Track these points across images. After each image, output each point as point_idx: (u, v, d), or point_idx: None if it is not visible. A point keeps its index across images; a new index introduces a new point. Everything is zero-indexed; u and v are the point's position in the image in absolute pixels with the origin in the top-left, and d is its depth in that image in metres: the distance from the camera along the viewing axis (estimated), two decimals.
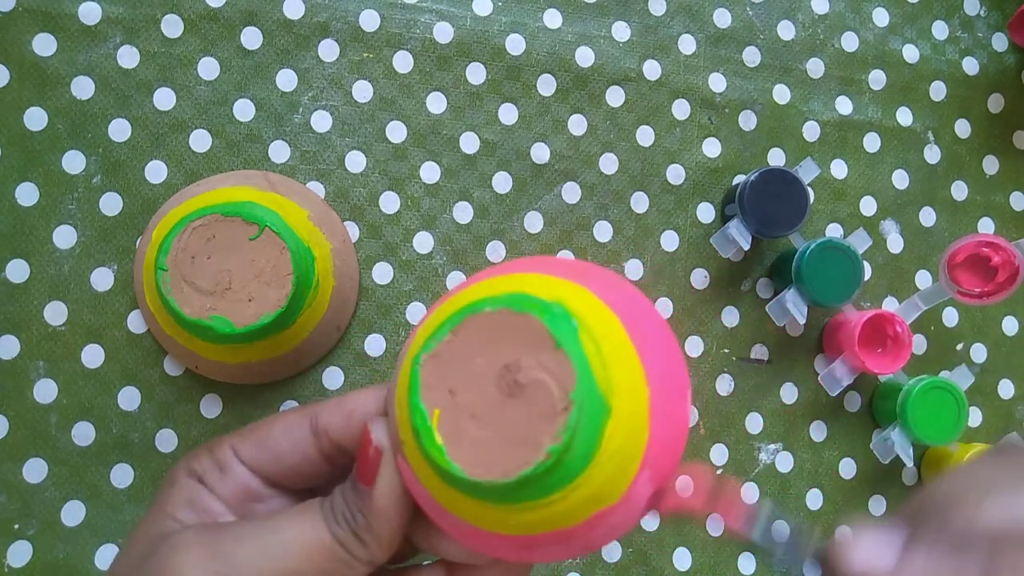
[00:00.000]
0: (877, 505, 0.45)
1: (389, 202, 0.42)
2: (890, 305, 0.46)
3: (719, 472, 0.40)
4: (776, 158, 0.46)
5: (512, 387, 0.22)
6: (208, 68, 0.41)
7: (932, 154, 0.48)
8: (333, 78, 0.42)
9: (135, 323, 0.40)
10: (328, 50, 0.42)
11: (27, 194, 0.39)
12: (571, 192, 0.44)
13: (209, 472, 0.27)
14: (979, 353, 0.47)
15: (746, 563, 0.44)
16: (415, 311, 0.42)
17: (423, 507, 0.25)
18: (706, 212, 0.45)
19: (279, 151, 0.41)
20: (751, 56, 0.46)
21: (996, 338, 0.48)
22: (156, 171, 0.40)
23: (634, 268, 0.44)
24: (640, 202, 0.45)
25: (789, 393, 0.45)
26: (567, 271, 0.24)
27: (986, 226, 0.48)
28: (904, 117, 0.48)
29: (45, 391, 0.39)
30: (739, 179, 0.45)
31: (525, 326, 0.22)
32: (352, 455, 0.28)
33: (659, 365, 0.23)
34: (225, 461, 0.27)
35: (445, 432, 0.22)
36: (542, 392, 0.21)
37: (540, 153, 0.44)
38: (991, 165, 0.49)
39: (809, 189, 0.42)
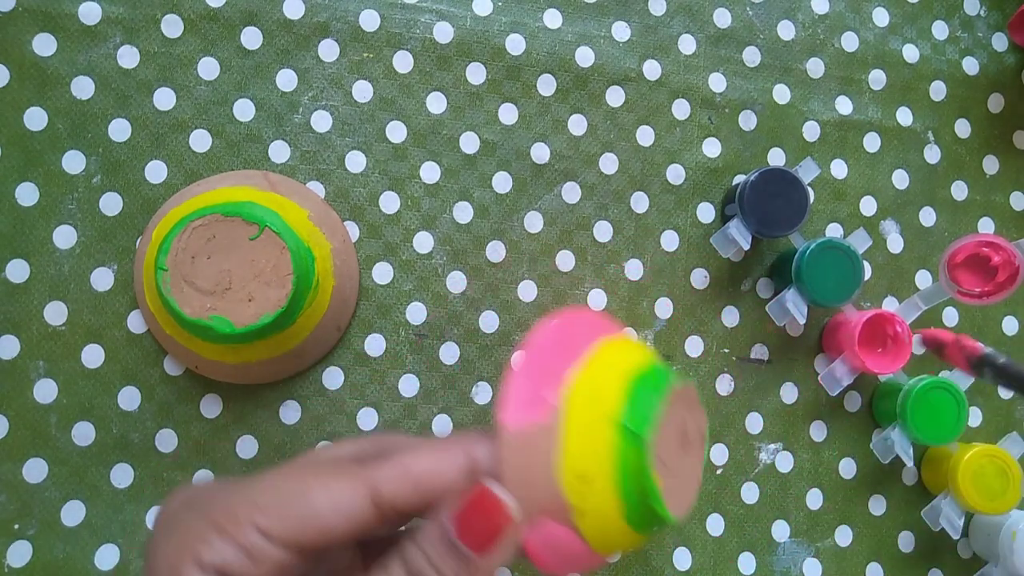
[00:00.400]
0: (877, 505, 0.45)
1: (389, 202, 0.42)
2: (890, 305, 0.46)
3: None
4: (776, 158, 0.46)
5: (686, 442, 0.28)
6: (208, 68, 0.41)
7: (932, 154, 0.48)
8: (333, 78, 0.42)
9: (135, 323, 0.40)
10: (328, 50, 0.42)
11: (27, 194, 0.39)
12: (571, 192, 0.44)
13: (234, 563, 0.23)
14: None
15: (746, 563, 0.44)
16: (415, 311, 0.42)
17: (558, 560, 0.27)
18: (706, 212, 0.45)
19: (279, 151, 0.41)
20: (751, 56, 0.46)
21: (996, 338, 0.48)
22: (156, 171, 0.40)
23: (634, 268, 0.44)
24: (640, 202, 0.45)
25: (789, 393, 0.45)
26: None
27: (986, 226, 0.48)
28: (904, 117, 0.48)
29: (45, 391, 0.39)
30: (739, 179, 0.45)
31: (687, 395, 0.28)
32: (410, 515, 0.26)
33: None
34: (255, 546, 0.23)
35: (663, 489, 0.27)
36: (698, 442, 0.29)
37: (540, 153, 0.44)
38: (991, 165, 0.49)
39: (809, 189, 0.42)
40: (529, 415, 0.26)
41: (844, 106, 0.47)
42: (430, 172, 0.43)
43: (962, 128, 0.48)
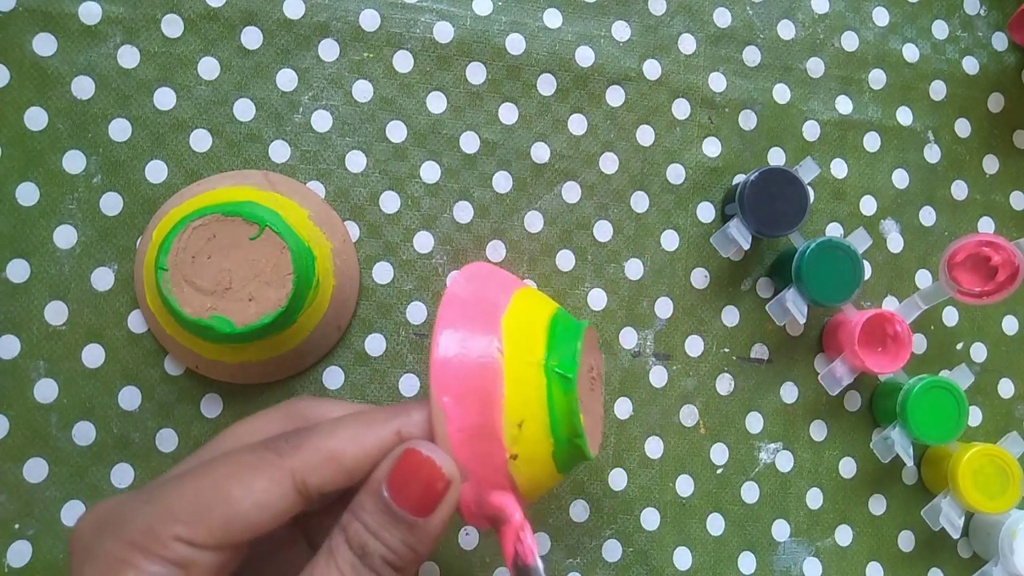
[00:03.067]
0: (877, 504, 0.45)
1: (389, 202, 0.42)
2: (890, 304, 0.47)
3: None
4: (776, 158, 0.46)
5: (592, 382, 0.30)
6: (208, 68, 0.41)
7: (932, 153, 0.48)
8: (333, 78, 0.42)
9: (135, 323, 0.40)
10: (328, 50, 0.42)
11: (27, 194, 0.39)
12: (571, 192, 0.44)
13: None
14: (979, 352, 0.47)
15: (746, 562, 0.44)
16: (415, 311, 0.42)
17: (497, 505, 0.27)
18: (706, 212, 0.45)
19: (279, 151, 0.41)
20: (751, 56, 0.46)
21: (996, 337, 0.48)
22: (156, 171, 0.40)
23: (634, 268, 0.44)
24: (640, 202, 0.45)
25: (789, 392, 0.45)
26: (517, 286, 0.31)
27: (986, 225, 0.48)
28: (904, 117, 0.48)
29: (45, 391, 0.39)
30: (739, 179, 0.45)
31: (592, 337, 0.31)
32: (332, 495, 0.25)
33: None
34: (183, 558, 0.23)
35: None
36: (599, 380, 0.31)
37: (540, 153, 0.44)
38: (991, 164, 0.49)
39: (809, 188, 0.42)
40: (468, 368, 0.26)
41: (844, 106, 0.47)
42: (430, 172, 0.43)
43: (962, 128, 0.48)
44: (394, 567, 0.24)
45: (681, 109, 0.45)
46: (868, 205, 0.47)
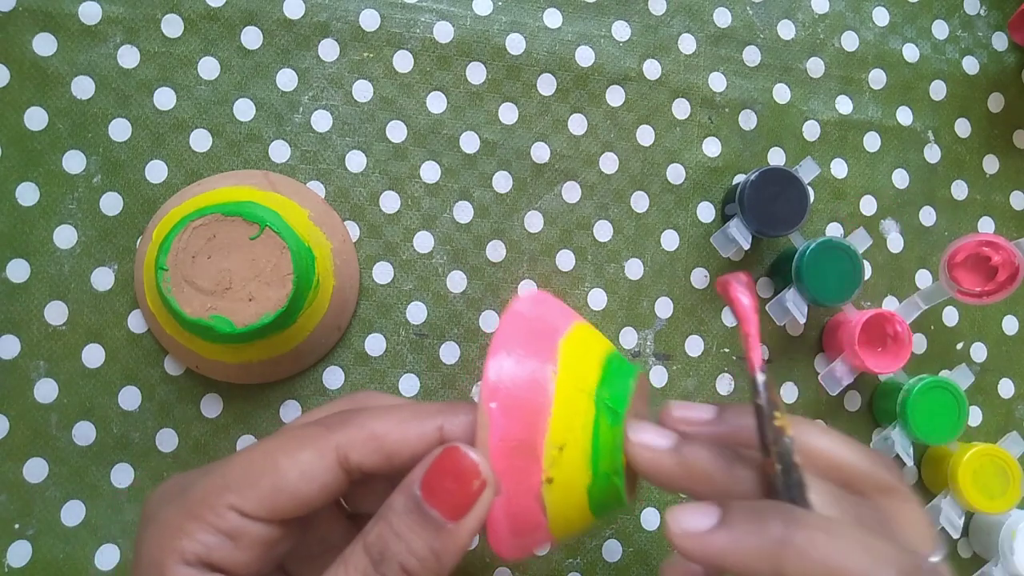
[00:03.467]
0: None
1: (389, 202, 0.42)
2: (890, 304, 0.47)
3: None
4: (776, 157, 0.46)
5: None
6: (208, 68, 0.41)
7: (932, 153, 0.48)
8: (333, 78, 0.42)
9: (135, 323, 0.40)
10: (328, 50, 0.42)
11: (27, 194, 0.39)
12: (571, 192, 0.44)
13: (217, 549, 0.23)
14: (979, 352, 0.47)
15: None
16: (415, 311, 0.42)
17: (518, 525, 0.27)
18: (706, 211, 0.45)
19: (279, 151, 0.41)
20: (751, 56, 0.46)
21: (996, 337, 0.48)
22: (156, 171, 0.40)
23: (634, 267, 0.44)
24: (640, 201, 0.45)
25: (789, 392, 0.45)
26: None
27: (986, 225, 0.48)
28: (904, 116, 0.48)
29: (45, 391, 0.39)
30: (739, 178, 0.45)
31: (644, 383, 0.30)
32: (384, 479, 0.25)
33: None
34: (233, 527, 0.23)
35: None
36: None
37: (540, 153, 0.44)
38: (991, 164, 0.49)
39: (809, 188, 0.42)
40: (520, 381, 0.26)
41: (844, 106, 0.47)
42: (430, 172, 0.43)
43: (962, 128, 0.48)
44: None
45: (681, 109, 0.45)
46: (868, 205, 0.47)
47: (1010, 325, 0.48)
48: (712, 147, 0.45)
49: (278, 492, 0.24)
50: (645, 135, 0.45)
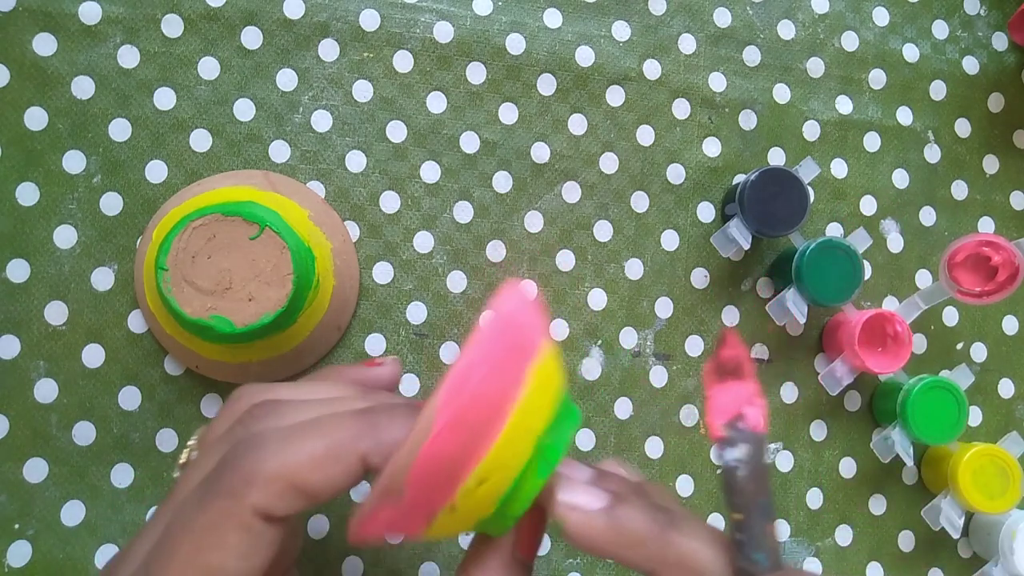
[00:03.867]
0: (877, 504, 0.45)
1: (389, 202, 0.42)
2: (890, 304, 0.47)
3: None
4: (776, 157, 0.46)
5: None
6: (208, 68, 0.41)
7: (932, 153, 0.48)
8: (333, 78, 0.42)
9: (135, 323, 0.40)
10: (328, 50, 0.42)
11: (27, 194, 0.39)
12: (571, 191, 0.44)
13: (277, 505, 0.23)
14: (979, 352, 0.47)
15: None
16: (415, 311, 0.42)
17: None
18: (706, 211, 0.45)
19: (279, 151, 0.41)
20: (751, 55, 0.46)
21: (996, 337, 0.48)
22: (156, 171, 0.40)
23: (634, 268, 0.44)
24: (640, 201, 0.45)
25: (789, 392, 0.45)
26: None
27: (986, 225, 0.48)
28: (904, 116, 0.48)
29: (46, 391, 0.39)
30: (739, 178, 0.45)
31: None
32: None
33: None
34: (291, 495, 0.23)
35: None
36: None
37: (540, 153, 0.44)
38: (991, 164, 0.49)
39: (809, 188, 0.42)
40: (481, 399, 0.24)
41: (844, 106, 0.47)
42: (430, 172, 0.43)
43: (962, 128, 0.48)
44: None
45: (681, 109, 0.45)
46: (868, 205, 0.47)
47: (1010, 325, 0.48)
48: (712, 147, 0.45)
49: (304, 487, 0.23)
50: (645, 135, 0.45)
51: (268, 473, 0.23)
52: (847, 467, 0.45)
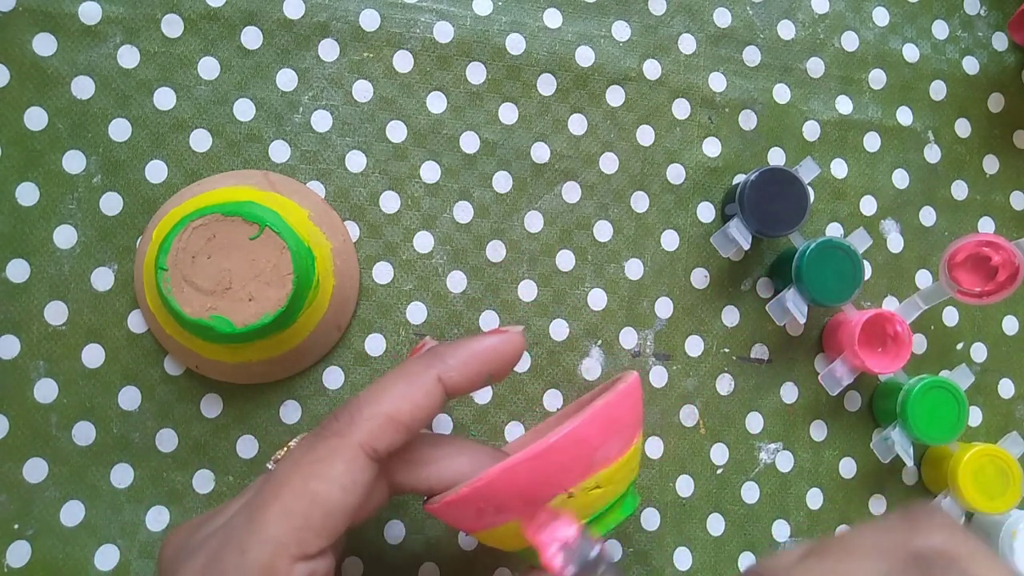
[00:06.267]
0: (877, 505, 0.45)
1: (389, 202, 0.42)
2: (890, 305, 0.47)
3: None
4: (776, 157, 0.46)
5: None
6: (208, 68, 0.41)
7: (932, 154, 0.48)
8: (333, 78, 0.42)
9: (135, 323, 0.40)
10: (328, 50, 0.42)
11: (27, 194, 0.39)
12: (571, 192, 0.44)
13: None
14: (979, 352, 0.47)
15: (747, 563, 0.44)
16: (415, 311, 0.42)
17: None
18: (706, 212, 0.45)
19: (279, 151, 0.41)
20: (751, 56, 0.46)
21: (996, 337, 0.48)
22: (156, 171, 0.40)
23: (634, 268, 0.44)
24: (640, 201, 0.45)
25: (789, 393, 0.45)
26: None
27: (986, 225, 0.48)
28: (904, 117, 0.48)
29: (45, 391, 0.39)
30: (739, 179, 0.45)
31: None
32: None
33: None
34: (310, 572, 0.25)
35: None
36: None
37: (540, 153, 0.44)
38: (991, 165, 0.49)
39: (809, 188, 0.42)
40: (621, 416, 0.31)
41: (844, 106, 0.47)
42: (430, 172, 0.43)
43: (962, 128, 0.48)
44: None
45: (681, 109, 0.45)
46: (868, 205, 0.47)
47: (1010, 325, 0.48)
48: (712, 147, 0.45)
49: (330, 517, 0.25)
50: (645, 135, 0.45)
51: (368, 412, 0.27)
52: (847, 467, 0.45)
